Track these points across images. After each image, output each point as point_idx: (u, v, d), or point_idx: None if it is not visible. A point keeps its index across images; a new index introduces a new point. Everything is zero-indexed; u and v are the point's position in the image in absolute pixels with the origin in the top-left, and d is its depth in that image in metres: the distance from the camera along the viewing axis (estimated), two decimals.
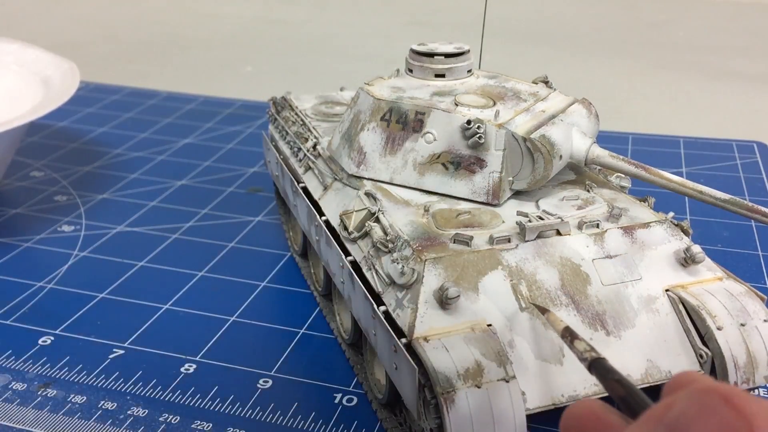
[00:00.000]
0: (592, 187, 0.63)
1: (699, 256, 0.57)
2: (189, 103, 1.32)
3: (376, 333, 0.55)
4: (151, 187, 1.01)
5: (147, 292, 0.78)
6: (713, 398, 0.25)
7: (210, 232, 0.90)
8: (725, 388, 0.25)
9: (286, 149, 0.79)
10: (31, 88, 0.97)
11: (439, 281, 0.52)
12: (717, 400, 0.25)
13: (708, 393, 0.25)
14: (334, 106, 0.82)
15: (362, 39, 1.76)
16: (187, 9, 2.02)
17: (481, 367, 0.48)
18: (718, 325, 0.53)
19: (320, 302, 0.75)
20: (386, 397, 0.58)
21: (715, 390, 0.25)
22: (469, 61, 0.69)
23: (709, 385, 0.26)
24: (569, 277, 0.54)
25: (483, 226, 0.57)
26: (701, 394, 0.26)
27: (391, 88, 0.66)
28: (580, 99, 0.67)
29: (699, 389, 0.26)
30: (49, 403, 0.62)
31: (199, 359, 0.68)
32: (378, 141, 0.64)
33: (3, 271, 0.82)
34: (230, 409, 0.62)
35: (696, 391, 0.26)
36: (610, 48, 1.67)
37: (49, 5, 2.03)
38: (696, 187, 0.60)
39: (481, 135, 0.59)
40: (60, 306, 0.76)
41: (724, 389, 0.25)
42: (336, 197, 0.65)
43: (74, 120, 1.24)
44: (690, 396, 0.26)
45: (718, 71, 1.51)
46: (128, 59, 1.62)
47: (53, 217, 0.93)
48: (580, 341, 0.43)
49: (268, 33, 1.81)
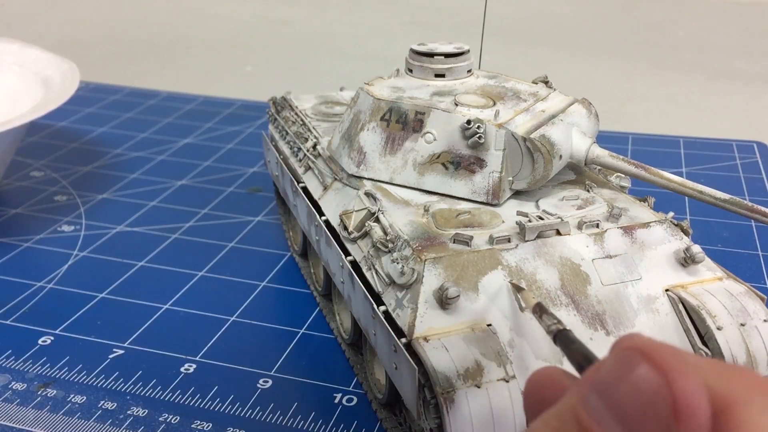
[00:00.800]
0: (592, 187, 0.63)
1: (699, 256, 0.57)
2: (189, 103, 1.32)
3: (376, 333, 0.55)
4: (151, 187, 1.01)
5: (147, 292, 0.78)
6: (633, 354, 0.25)
7: (210, 232, 0.90)
8: (645, 343, 0.25)
9: (286, 149, 0.79)
10: (31, 88, 0.97)
11: (439, 281, 0.52)
12: (636, 355, 0.25)
13: (628, 350, 0.25)
14: (334, 106, 0.82)
15: (362, 39, 1.76)
16: (187, 9, 2.02)
17: (480, 366, 0.48)
18: (718, 325, 0.53)
19: (320, 302, 0.75)
20: (386, 397, 0.58)
21: (634, 347, 0.25)
22: (469, 61, 0.69)
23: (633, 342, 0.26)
24: (569, 277, 0.54)
25: (483, 226, 0.57)
26: (623, 352, 0.26)
27: (391, 88, 0.66)
28: (580, 99, 0.67)
29: (623, 347, 0.26)
30: (49, 403, 0.62)
31: (199, 359, 0.68)
32: (378, 141, 0.64)
33: (3, 271, 0.82)
34: (230, 409, 0.62)
35: (620, 349, 0.26)
36: (610, 48, 1.67)
37: (49, 5, 2.03)
38: (696, 187, 0.60)
39: (481, 135, 0.59)
40: (60, 306, 0.76)
41: (644, 344, 0.25)
42: (336, 197, 0.65)
43: (74, 120, 1.24)
44: (614, 355, 0.26)
45: (718, 71, 1.51)
46: (128, 59, 1.62)
47: (53, 217, 0.93)
48: (548, 315, 0.43)
49: (268, 33, 1.81)
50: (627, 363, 0.25)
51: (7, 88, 0.99)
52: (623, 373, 0.25)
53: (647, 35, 1.78)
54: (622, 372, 0.25)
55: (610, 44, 1.70)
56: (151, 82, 1.45)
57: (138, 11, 2.00)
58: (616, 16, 1.96)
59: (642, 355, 0.25)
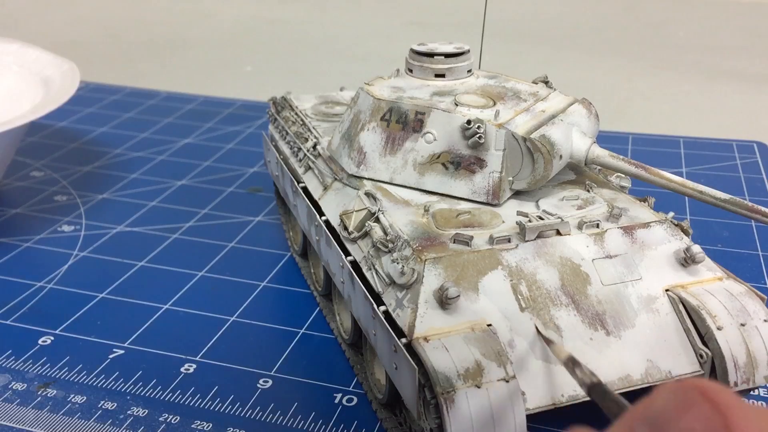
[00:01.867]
0: (592, 187, 0.63)
1: (699, 256, 0.57)
2: (189, 103, 1.32)
3: (376, 333, 0.55)
4: (151, 187, 1.01)
5: (147, 292, 0.78)
6: (691, 392, 0.25)
7: (210, 232, 0.90)
8: (703, 383, 0.26)
9: (286, 149, 0.79)
10: (31, 88, 0.97)
11: (439, 281, 0.52)
12: (695, 394, 0.25)
13: (686, 388, 0.26)
14: (334, 106, 0.82)
15: (362, 39, 1.76)
16: (187, 9, 2.02)
17: (481, 367, 0.48)
18: (718, 325, 0.53)
19: (320, 302, 0.75)
20: (386, 397, 0.58)
21: (692, 385, 0.26)
22: (469, 61, 0.69)
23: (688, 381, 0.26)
24: (569, 277, 0.54)
25: (483, 226, 0.57)
26: (680, 389, 0.26)
27: (391, 88, 0.66)
28: (580, 99, 0.67)
29: (678, 385, 0.26)
30: (49, 403, 0.62)
31: (199, 359, 0.68)
32: (378, 141, 0.64)
33: (3, 271, 0.82)
34: (230, 409, 0.62)
35: (675, 386, 0.26)
36: (610, 48, 1.67)
37: (49, 5, 2.03)
38: (696, 187, 0.60)
39: (481, 135, 0.59)
40: (60, 306, 0.76)
41: (702, 384, 0.26)
42: (336, 197, 0.65)
43: (74, 120, 1.24)
44: (669, 391, 0.26)
45: (718, 71, 1.51)
46: (128, 59, 1.62)
47: (53, 217, 0.93)
48: (581, 369, 0.44)
49: (268, 33, 1.81)
50: (685, 400, 0.25)
51: (7, 88, 0.99)
52: (680, 409, 0.25)
53: (647, 35, 1.78)
54: (678, 408, 0.25)
55: (610, 44, 1.70)
56: (151, 82, 1.45)
57: (138, 11, 2.00)
58: (616, 16, 1.96)
59: (702, 393, 0.25)
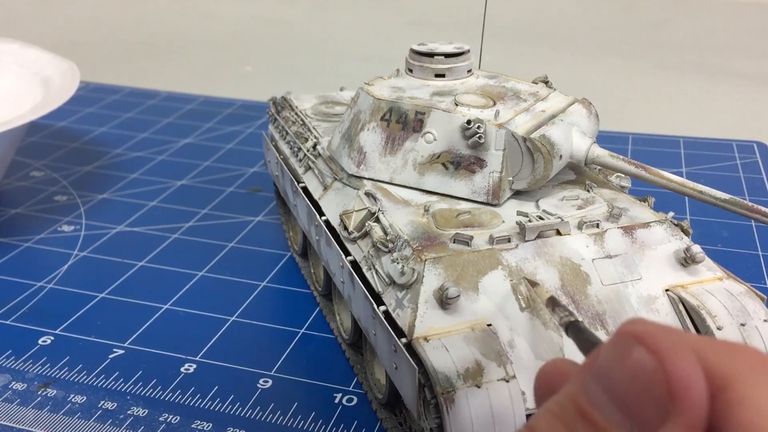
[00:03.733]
0: (592, 187, 0.63)
1: (699, 255, 0.57)
2: (189, 103, 1.32)
3: (376, 333, 0.55)
4: (151, 187, 1.01)
5: (147, 292, 0.78)
6: (628, 339, 0.25)
7: (210, 232, 0.90)
8: (636, 328, 0.25)
9: (286, 149, 0.79)
10: (31, 88, 0.97)
11: (439, 281, 0.52)
12: (631, 340, 0.25)
13: (625, 335, 0.25)
14: (334, 106, 0.82)
15: (362, 39, 1.76)
16: (187, 9, 2.02)
17: (481, 366, 0.48)
18: (718, 325, 0.53)
19: (320, 302, 0.75)
20: (386, 397, 0.58)
21: (629, 331, 0.25)
22: (469, 61, 0.69)
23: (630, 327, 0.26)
24: (569, 277, 0.54)
25: (483, 226, 0.57)
26: (619, 337, 0.26)
27: (391, 88, 0.66)
28: (580, 99, 0.67)
29: (619, 333, 0.26)
30: (49, 403, 0.62)
31: (199, 359, 0.68)
32: (378, 141, 0.64)
33: (3, 271, 0.82)
34: (230, 408, 0.62)
35: (616, 335, 0.26)
36: (610, 48, 1.67)
37: (49, 5, 2.03)
38: (696, 187, 0.60)
39: (481, 135, 0.59)
40: (60, 306, 0.76)
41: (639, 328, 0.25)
42: (336, 197, 0.65)
43: (74, 120, 1.24)
44: (611, 341, 0.26)
45: (718, 71, 1.51)
46: (128, 59, 1.62)
47: (53, 217, 0.93)
48: (560, 308, 0.44)
49: (268, 33, 1.81)
50: (623, 348, 0.25)
51: (7, 88, 0.99)
52: (620, 358, 0.25)
53: (647, 35, 1.78)
54: (618, 357, 0.25)
55: (610, 44, 1.70)
56: (151, 82, 1.45)
57: (138, 11, 2.00)
58: (616, 16, 1.96)
59: (637, 339, 0.25)
